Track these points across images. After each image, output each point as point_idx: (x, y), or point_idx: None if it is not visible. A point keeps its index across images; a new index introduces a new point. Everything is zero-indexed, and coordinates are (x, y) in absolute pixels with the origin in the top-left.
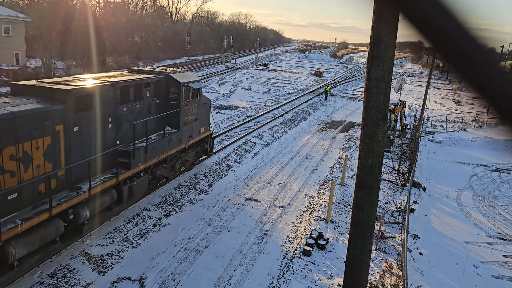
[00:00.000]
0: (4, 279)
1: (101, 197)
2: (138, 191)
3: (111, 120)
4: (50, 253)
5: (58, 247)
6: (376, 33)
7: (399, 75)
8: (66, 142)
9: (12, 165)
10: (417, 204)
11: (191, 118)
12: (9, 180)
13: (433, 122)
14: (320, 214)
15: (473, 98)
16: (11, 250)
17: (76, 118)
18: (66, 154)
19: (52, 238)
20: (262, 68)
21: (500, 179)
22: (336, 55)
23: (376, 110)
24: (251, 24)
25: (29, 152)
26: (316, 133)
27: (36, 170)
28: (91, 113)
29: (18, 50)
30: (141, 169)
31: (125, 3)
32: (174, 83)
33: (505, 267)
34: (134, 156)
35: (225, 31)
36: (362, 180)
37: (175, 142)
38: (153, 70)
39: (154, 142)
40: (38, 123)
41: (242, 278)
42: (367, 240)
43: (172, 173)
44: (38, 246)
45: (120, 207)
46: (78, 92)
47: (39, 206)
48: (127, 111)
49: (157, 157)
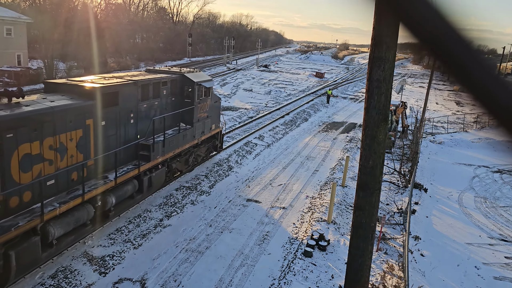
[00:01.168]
0: (45, 255)
1: (125, 186)
2: (157, 182)
3: (133, 115)
4: (82, 235)
5: (89, 229)
6: (377, 34)
7: (400, 76)
8: (95, 135)
9: (51, 154)
10: (418, 205)
11: (203, 115)
12: (48, 167)
13: (434, 123)
14: (321, 215)
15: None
16: (51, 230)
17: (104, 113)
18: (94, 146)
19: (84, 221)
20: (263, 69)
21: (502, 180)
22: (337, 56)
23: (377, 111)
24: (252, 25)
25: (65, 143)
26: (317, 134)
27: (70, 160)
28: (116, 109)
29: (19, 51)
30: (159, 162)
31: (126, 5)
32: (188, 82)
33: (507, 268)
34: (153, 149)
35: (226, 32)
36: (363, 181)
37: (189, 137)
38: (168, 70)
39: (170, 137)
40: (72, 117)
41: (243, 279)
42: (368, 241)
43: (186, 166)
44: (72, 227)
45: (141, 196)
46: (106, 90)
47: (72, 192)
48: (147, 108)
49: (173, 151)
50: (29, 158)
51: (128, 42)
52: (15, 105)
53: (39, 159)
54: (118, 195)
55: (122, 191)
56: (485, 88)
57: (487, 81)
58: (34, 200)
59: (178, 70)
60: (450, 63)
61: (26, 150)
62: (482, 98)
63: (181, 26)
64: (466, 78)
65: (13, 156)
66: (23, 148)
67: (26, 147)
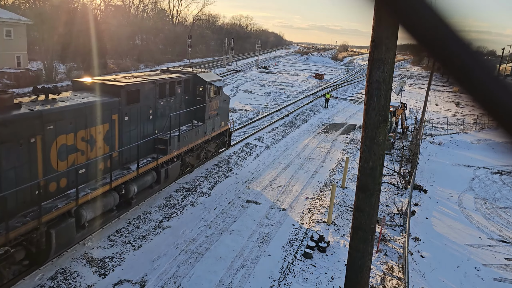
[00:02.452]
0: (78, 235)
1: (145, 177)
2: (172, 174)
3: (151, 112)
4: (109, 219)
5: (114, 215)
6: (377, 35)
7: (400, 78)
8: (119, 129)
9: (83, 145)
10: (418, 207)
11: (213, 112)
12: (80, 157)
13: (434, 125)
14: (321, 217)
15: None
16: (83, 213)
17: (127, 109)
18: (119, 139)
19: (110, 207)
20: (263, 70)
21: (502, 181)
22: (337, 58)
23: (377, 112)
24: (252, 26)
25: (94, 136)
26: (317, 135)
27: (98, 151)
28: (138, 105)
29: (19, 53)
30: (174, 155)
31: (126, 6)
32: (200, 82)
33: (507, 270)
34: (170, 144)
35: (226, 34)
36: (363, 182)
37: (201, 133)
38: (181, 70)
39: (184, 132)
40: (101, 112)
41: (243, 281)
42: (368, 242)
43: (197, 161)
44: (101, 212)
45: (159, 187)
46: (129, 88)
47: (100, 180)
48: (163, 105)
49: (187, 145)
50: (65, 148)
51: (127, 43)
52: (52, 101)
53: (73, 149)
54: (140, 185)
55: (142, 181)
56: (484, 89)
57: (486, 82)
58: (69, 186)
59: (190, 70)
60: (449, 64)
61: (63, 141)
62: (481, 99)
63: (180, 27)
64: (465, 79)
65: (52, 146)
66: (60, 139)
67: (63, 138)
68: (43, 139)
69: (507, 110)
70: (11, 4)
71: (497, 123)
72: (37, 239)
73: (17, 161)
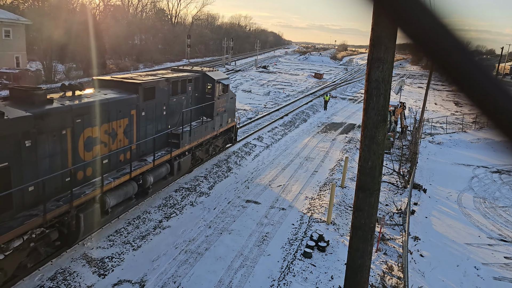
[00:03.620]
0: (102, 220)
1: (160, 168)
2: (184, 166)
3: (165, 108)
4: (129, 207)
5: (133, 203)
6: (376, 35)
7: (399, 77)
8: (137, 123)
9: (106, 138)
10: (417, 206)
11: (221, 109)
12: (103, 149)
13: (433, 124)
14: (320, 216)
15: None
16: (107, 200)
17: (144, 105)
18: (137, 133)
19: (130, 195)
20: (262, 70)
21: (501, 180)
22: (336, 57)
23: (376, 112)
24: (251, 26)
25: (115, 129)
26: (316, 135)
27: (119, 143)
28: (153, 102)
29: (18, 53)
30: (186, 149)
31: (125, 6)
32: (209, 80)
33: (506, 268)
34: (182, 138)
35: (225, 34)
36: (362, 182)
37: (210, 129)
38: (191, 69)
39: (195, 128)
40: (121, 107)
41: (243, 281)
42: (367, 242)
43: (206, 155)
44: (122, 199)
45: (172, 178)
46: (146, 85)
47: (121, 170)
48: (176, 102)
49: (197, 140)
50: (91, 140)
51: (126, 43)
52: (78, 97)
53: (98, 141)
54: (155, 175)
55: (158, 172)
56: (480, 89)
57: (482, 83)
58: (93, 175)
59: (199, 69)
60: (446, 65)
61: (89, 134)
62: (477, 99)
63: (179, 27)
64: (461, 79)
65: (80, 138)
66: (87, 132)
67: (89, 131)
68: (73, 131)
69: (503, 111)
70: (10, 4)
71: (494, 123)
72: (68, 221)
73: (51, 151)
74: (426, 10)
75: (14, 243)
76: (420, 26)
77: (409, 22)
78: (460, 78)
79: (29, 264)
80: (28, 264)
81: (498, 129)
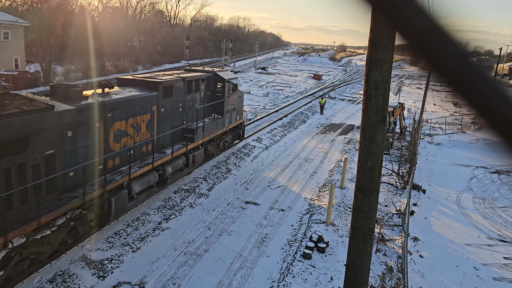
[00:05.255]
0: (129, 205)
1: (178, 160)
2: (198, 159)
3: (181, 105)
4: (151, 194)
5: (154, 190)
6: (375, 36)
7: (398, 78)
8: (157, 118)
9: (131, 131)
10: (417, 207)
11: (231, 107)
12: (129, 141)
13: (432, 124)
14: (320, 217)
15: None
16: (133, 186)
17: (163, 102)
18: (157, 127)
19: (151, 184)
20: (261, 71)
21: (500, 180)
22: (334, 58)
23: (375, 112)
24: (249, 27)
25: (139, 123)
26: (315, 136)
27: (142, 136)
28: (171, 99)
29: (17, 55)
30: (199, 143)
31: (123, 8)
32: (220, 79)
33: (505, 269)
34: (196, 133)
35: (223, 35)
36: (361, 182)
37: (220, 125)
38: (202, 70)
39: (207, 124)
40: (144, 103)
41: (243, 282)
42: (367, 243)
43: (217, 150)
44: (145, 187)
45: (187, 170)
46: (165, 84)
47: (144, 161)
48: (190, 99)
49: (209, 135)
50: (119, 132)
51: (125, 45)
52: (108, 94)
53: (125, 134)
54: (173, 166)
55: (176, 163)
56: (477, 91)
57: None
58: (121, 164)
59: (210, 69)
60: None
61: (118, 127)
62: (474, 101)
63: (178, 29)
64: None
65: (111, 130)
66: (116, 125)
67: (118, 124)
68: (105, 124)
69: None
70: (9, 6)
71: (490, 125)
72: (102, 204)
73: (87, 141)
74: (424, 12)
75: (58, 221)
76: (418, 28)
77: (407, 25)
78: (457, 80)
79: (69, 240)
80: (68, 241)
81: (494, 130)
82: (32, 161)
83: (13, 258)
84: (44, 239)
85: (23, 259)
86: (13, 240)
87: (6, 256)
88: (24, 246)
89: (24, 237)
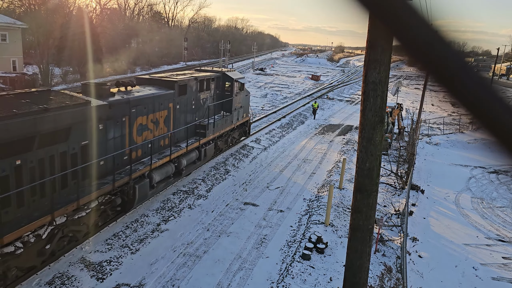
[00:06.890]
0: (150, 193)
1: (191, 153)
2: (209, 153)
3: (194, 102)
4: (168, 184)
5: (171, 181)
6: (372, 37)
7: (396, 78)
8: (173, 115)
9: (151, 125)
10: (415, 207)
11: (238, 105)
12: (149, 135)
13: (430, 125)
14: (319, 218)
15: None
16: (154, 176)
17: (178, 100)
18: (173, 123)
19: (168, 174)
20: (259, 72)
21: (498, 180)
22: (332, 59)
23: (373, 113)
24: (247, 29)
25: (158, 119)
26: (314, 136)
27: (160, 131)
28: (185, 97)
29: (15, 57)
30: (210, 138)
31: (121, 9)
32: (228, 79)
33: (504, 269)
34: (208, 128)
35: (222, 36)
36: (360, 183)
37: (229, 122)
38: (212, 70)
39: (217, 120)
40: (162, 101)
41: (242, 283)
42: (366, 243)
43: (225, 146)
44: (164, 177)
45: (200, 163)
46: (180, 82)
47: (162, 153)
48: (201, 97)
49: (219, 131)
50: (141, 127)
51: (123, 46)
52: (130, 92)
53: (146, 128)
54: (188, 159)
55: (190, 156)
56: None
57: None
58: (143, 156)
59: (219, 69)
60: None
61: (140, 121)
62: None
63: (176, 30)
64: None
65: (134, 125)
66: (139, 120)
67: (140, 119)
68: (129, 119)
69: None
70: (6, 8)
71: (484, 125)
72: (127, 191)
73: (115, 134)
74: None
75: (92, 204)
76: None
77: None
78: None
79: (100, 222)
80: (99, 223)
81: (489, 131)
82: (71, 150)
83: (56, 234)
84: (80, 219)
85: (64, 236)
86: (56, 218)
87: (51, 232)
88: (65, 225)
89: (65, 217)
